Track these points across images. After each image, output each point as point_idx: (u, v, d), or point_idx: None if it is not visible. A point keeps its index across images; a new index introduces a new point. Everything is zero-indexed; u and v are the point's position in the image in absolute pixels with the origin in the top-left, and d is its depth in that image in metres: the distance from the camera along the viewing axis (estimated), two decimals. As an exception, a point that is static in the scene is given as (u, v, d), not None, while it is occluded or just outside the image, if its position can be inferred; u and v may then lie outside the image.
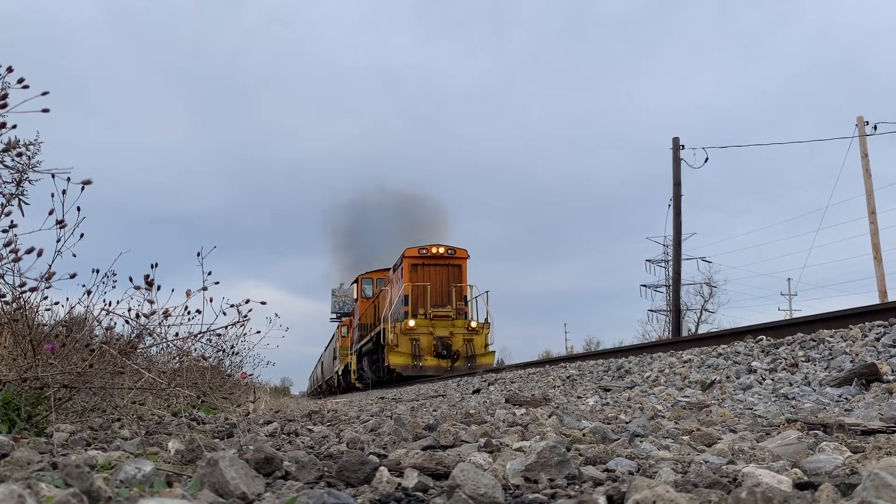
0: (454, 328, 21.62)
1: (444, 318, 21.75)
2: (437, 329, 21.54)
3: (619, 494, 1.48)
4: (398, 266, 23.50)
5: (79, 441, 2.45)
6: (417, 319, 21.50)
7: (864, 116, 20.72)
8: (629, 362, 7.61)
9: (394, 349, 21.26)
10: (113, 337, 3.51)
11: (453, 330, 21.59)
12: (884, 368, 4.19)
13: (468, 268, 23.21)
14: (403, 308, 22.15)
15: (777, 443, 2.27)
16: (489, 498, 1.47)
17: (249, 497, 1.45)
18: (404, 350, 21.24)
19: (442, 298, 22.09)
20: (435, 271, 22.37)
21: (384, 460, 1.98)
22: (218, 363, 6.91)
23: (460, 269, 22.71)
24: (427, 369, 20.94)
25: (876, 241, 20.14)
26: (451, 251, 22.79)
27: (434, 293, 21.96)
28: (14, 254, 2.66)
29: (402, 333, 21.41)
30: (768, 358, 5.51)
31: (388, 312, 23.11)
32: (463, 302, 22.27)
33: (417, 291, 22.07)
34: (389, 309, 23.12)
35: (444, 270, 22.50)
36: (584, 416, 3.95)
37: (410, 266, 22.40)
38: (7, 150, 2.92)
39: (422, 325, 21.50)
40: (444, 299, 22.09)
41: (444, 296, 22.17)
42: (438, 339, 21.30)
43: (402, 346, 21.31)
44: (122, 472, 1.53)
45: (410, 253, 22.65)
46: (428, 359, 21.09)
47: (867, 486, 1.26)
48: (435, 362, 21.16)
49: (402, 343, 21.37)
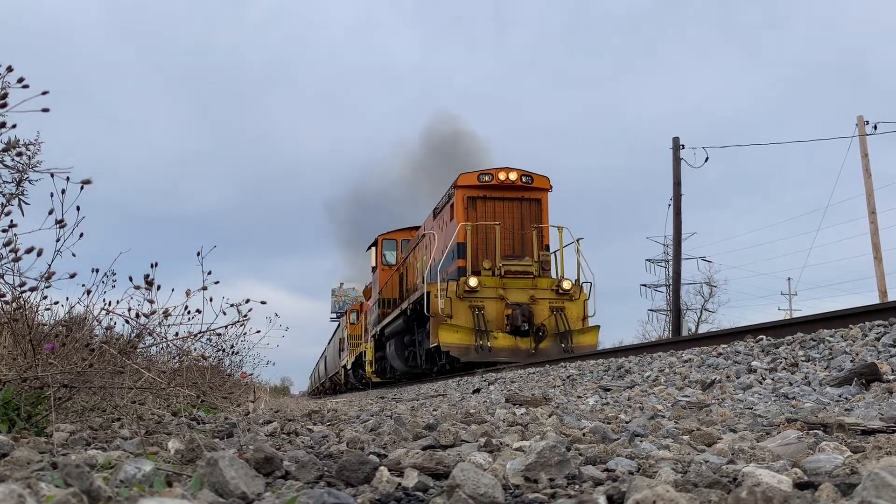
0: (536, 291, 14.78)
1: (522, 276, 14.87)
2: (511, 292, 14.70)
3: (619, 494, 1.48)
4: (444, 205, 16.64)
5: (79, 441, 2.45)
6: (482, 277, 14.70)
7: (864, 116, 20.74)
8: (629, 362, 7.61)
9: (445, 322, 14.24)
10: (113, 337, 3.50)
11: (535, 294, 14.74)
12: (884, 368, 4.19)
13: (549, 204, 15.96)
14: (457, 262, 15.25)
15: (777, 442, 2.27)
16: (489, 497, 1.46)
17: (249, 497, 1.45)
18: (462, 322, 14.37)
19: (515, 247, 15.24)
20: (504, 208, 15.50)
21: (384, 460, 1.97)
22: (218, 363, 6.92)
23: (540, 206, 15.64)
24: (498, 352, 14.10)
25: (876, 240, 20.15)
26: (527, 178, 15.64)
27: (505, 239, 15.05)
28: (14, 253, 2.66)
29: (457, 298, 14.49)
30: (768, 357, 5.51)
31: (429, 271, 16.13)
32: (546, 252, 15.39)
33: (479, 236, 15.23)
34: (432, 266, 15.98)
35: (515, 207, 15.55)
36: (584, 415, 3.95)
37: (466, 200, 15.38)
38: (7, 150, 2.92)
39: (488, 285, 14.66)
40: (519, 249, 15.27)
41: (519, 244, 15.31)
42: (515, 308, 14.45)
43: (459, 316, 14.42)
44: (121, 471, 1.52)
45: (466, 181, 15.58)
46: (499, 336, 14.29)
47: (867, 485, 1.26)
48: (510, 342, 14.30)
49: (458, 312, 14.43)
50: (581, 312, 15.03)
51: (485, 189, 15.56)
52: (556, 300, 14.87)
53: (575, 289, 14.95)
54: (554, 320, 14.70)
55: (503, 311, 14.62)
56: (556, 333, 14.56)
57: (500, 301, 14.67)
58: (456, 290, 14.58)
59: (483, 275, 14.80)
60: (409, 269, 20.08)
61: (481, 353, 14.06)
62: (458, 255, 15.33)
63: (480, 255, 15.12)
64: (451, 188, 16.06)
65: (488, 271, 14.89)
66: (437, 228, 17.08)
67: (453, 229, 15.51)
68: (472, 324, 14.40)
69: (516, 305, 14.53)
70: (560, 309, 14.80)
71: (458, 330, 14.32)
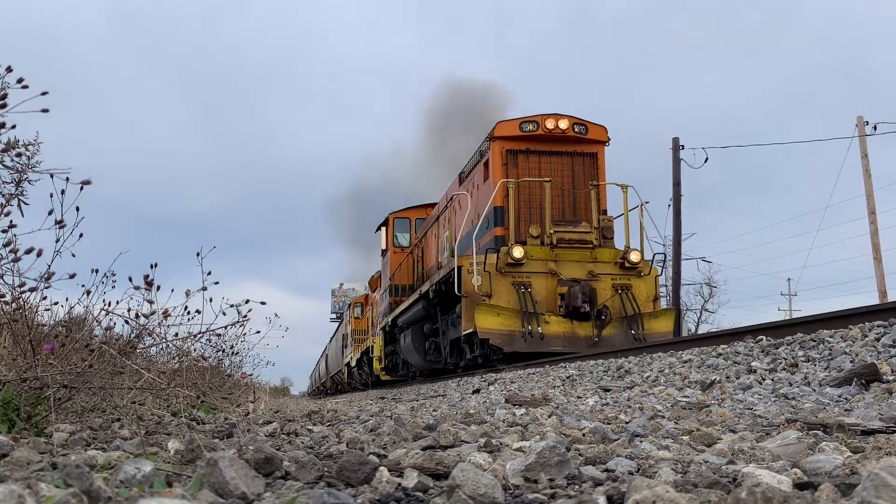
0: (596, 265, 12.06)
1: (579, 246, 12.08)
2: (564, 266, 11.92)
3: (618, 494, 1.48)
4: (475, 165, 13.81)
5: (78, 441, 2.45)
6: (528, 247, 11.84)
7: (864, 116, 20.76)
8: (629, 362, 7.61)
9: (482, 303, 11.47)
10: (112, 337, 3.50)
11: (594, 268, 12.01)
12: (884, 368, 4.19)
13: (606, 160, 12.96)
14: (493, 231, 12.46)
15: (777, 443, 2.27)
16: (489, 498, 1.46)
17: (249, 497, 1.45)
18: (504, 302, 11.60)
19: (566, 211, 12.48)
20: (552, 165, 12.55)
21: (384, 460, 1.98)
22: (218, 363, 6.91)
23: (595, 162, 12.76)
24: (552, 340, 11.36)
25: (876, 241, 20.16)
26: (581, 128, 12.69)
27: (555, 201, 12.27)
28: (14, 254, 2.66)
29: (497, 273, 11.67)
30: (768, 358, 5.51)
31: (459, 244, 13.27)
32: (608, 217, 12.74)
33: (522, 197, 12.36)
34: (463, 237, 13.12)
35: (566, 163, 12.64)
36: (584, 416, 3.95)
37: (506, 154, 12.51)
38: (6, 150, 2.92)
39: (536, 256, 11.85)
40: (572, 212, 12.49)
41: (570, 207, 12.54)
42: (572, 285, 11.66)
43: (500, 295, 11.67)
44: (121, 472, 1.52)
45: (505, 130, 12.62)
46: (551, 320, 11.51)
47: (867, 486, 1.26)
48: (565, 327, 11.56)
49: (498, 290, 11.68)
50: (651, 292, 12.31)
51: (528, 141, 12.57)
52: (621, 276, 12.08)
53: (644, 263, 12.13)
54: (618, 301, 11.90)
55: (555, 288, 11.81)
56: (622, 317, 11.83)
57: (550, 277, 11.86)
58: (496, 262, 11.65)
59: (529, 244, 11.92)
60: (427, 250, 17.24)
61: (530, 342, 11.20)
62: (494, 221, 12.39)
63: (524, 221, 12.26)
64: (486, 141, 13.01)
65: (536, 240, 11.99)
66: (468, 192, 13.90)
67: (488, 192, 12.46)
68: (516, 305, 11.53)
69: (573, 282, 11.73)
70: (625, 287, 12.01)
71: (500, 312, 11.39)
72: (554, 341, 11.44)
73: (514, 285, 11.74)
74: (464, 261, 12.08)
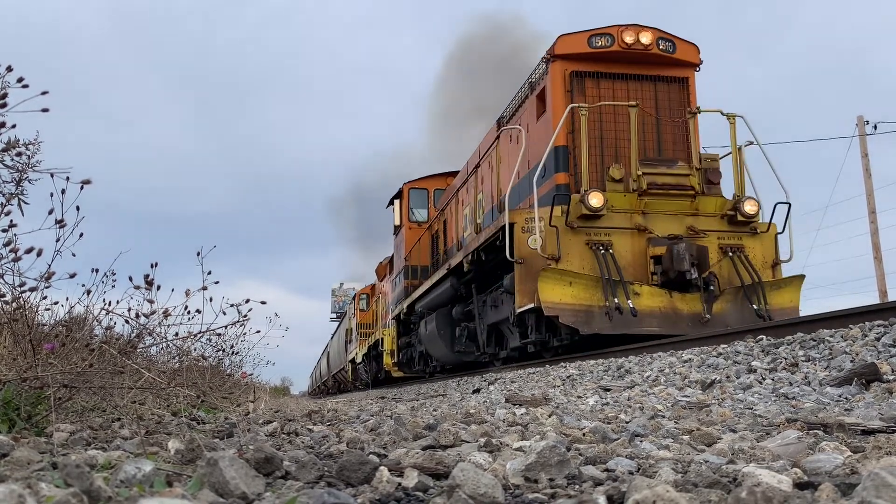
0: (698, 219, 9.22)
1: (676, 194, 9.22)
2: (656, 220, 9.11)
3: (619, 494, 1.48)
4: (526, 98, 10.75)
5: (79, 441, 2.45)
6: (610, 193, 9.06)
7: (864, 116, 20.74)
8: (629, 362, 7.61)
9: (548, 267, 8.70)
10: (113, 336, 3.50)
11: (696, 223, 9.14)
12: (884, 368, 4.19)
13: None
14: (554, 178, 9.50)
15: (777, 442, 2.27)
16: (489, 497, 1.46)
17: (249, 497, 1.45)
18: (577, 268, 8.78)
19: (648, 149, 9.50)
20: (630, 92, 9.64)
21: (384, 460, 1.97)
22: (218, 363, 6.92)
23: (686, 89, 9.92)
24: (647, 318, 8.58)
25: (876, 240, 20.15)
26: (668, 44, 9.71)
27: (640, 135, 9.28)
28: (14, 253, 2.66)
29: (567, 229, 8.88)
30: (768, 357, 5.52)
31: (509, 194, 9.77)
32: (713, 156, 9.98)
33: (593, 132, 9.39)
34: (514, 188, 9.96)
35: (647, 90, 9.74)
36: (584, 415, 3.95)
37: (570, 78, 9.65)
38: (7, 150, 2.92)
39: (619, 206, 9.08)
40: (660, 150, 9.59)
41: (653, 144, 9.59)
42: (672, 244, 8.79)
43: (571, 257, 8.81)
44: (122, 471, 1.53)
45: (569, 46, 9.69)
46: (643, 292, 8.70)
47: (867, 485, 1.26)
48: (663, 300, 8.72)
49: (569, 251, 8.83)
50: (770, 254, 9.37)
51: (599, 61, 9.63)
52: (730, 234, 9.18)
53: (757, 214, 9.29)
54: (727, 267, 9.02)
55: (644, 249, 8.89)
56: (736, 288, 8.94)
57: (637, 234, 8.90)
58: (565, 215, 8.69)
59: (609, 190, 8.98)
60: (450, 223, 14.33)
61: (617, 321, 8.37)
62: (555, 166, 9.37)
63: (598, 162, 9.33)
64: (541, 64, 10.05)
65: (618, 185, 9.03)
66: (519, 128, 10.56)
67: (545, 130, 9.47)
68: (594, 271, 8.63)
69: (673, 240, 8.72)
70: (737, 249, 9.11)
71: (574, 280, 8.44)
72: (649, 320, 8.51)
73: (590, 245, 8.80)
74: (517, 216, 9.05)
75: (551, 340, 9.42)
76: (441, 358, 14.61)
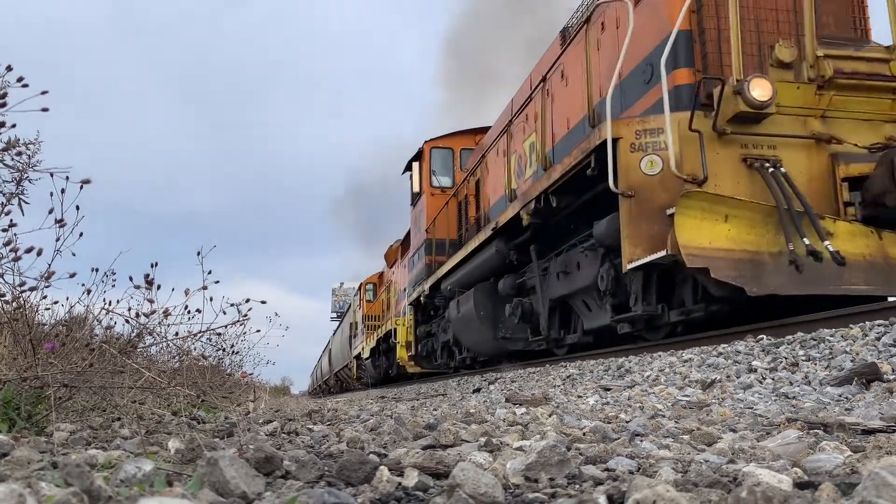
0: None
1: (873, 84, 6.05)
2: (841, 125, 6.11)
3: (619, 494, 1.48)
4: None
5: (79, 440, 2.45)
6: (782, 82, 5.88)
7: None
8: (629, 361, 7.61)
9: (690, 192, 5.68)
10: (113, 336, 3.51)
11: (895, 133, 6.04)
12: (884, 368, 4.19)
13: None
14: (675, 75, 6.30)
15: (777, 442, 2.27)
16: (489, 497, 1.46)
17: (249, 496, 1.45)
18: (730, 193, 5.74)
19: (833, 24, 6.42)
20: None
21: (384, 459, 1.97)
22: (218, 362, 6.92)
23: None
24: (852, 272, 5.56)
25: (876, 240, 20.08)
26: None
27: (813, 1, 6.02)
28: (14, 253, 2.66)
29: (716, 137, 5.90)
30: (769, 357, 5.51)
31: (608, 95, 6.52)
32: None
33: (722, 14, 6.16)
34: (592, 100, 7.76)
35: None
36: (585, 415, 3.95)
37: None
38: (7, 150, 2.92)
39: (788, 102, 5.97)
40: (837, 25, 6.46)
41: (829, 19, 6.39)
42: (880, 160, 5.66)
43: (723, 179, 5.87)
44: (122, 471, 1.52)
45: None
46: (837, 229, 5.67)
47: (867, 485, 1.26)
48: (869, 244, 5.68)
49: (719, 170, 5.88)
50: None
51: None
52: None
53: None
54: None
55: (830, 168, 6.12)
56: None
57: (816, 146, 6.14)
58: (714, 118, 5.98)
59: (785, 78, 6.10)
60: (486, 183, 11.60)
61: (809, 273, 5.66)
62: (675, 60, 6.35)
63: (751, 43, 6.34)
64: None
65: (786, 71, 6.11)
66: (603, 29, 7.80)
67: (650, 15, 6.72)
68: (758, 199, 5.89)
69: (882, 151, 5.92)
70: None
71: (733, 212, 5.72)
72: (851, 274, 5.71)
73: (748, 163, 6.01)
74: (622, 128, 6.23)
75: (666, 314, 6.70)
76: (477, 346, 11.62)
